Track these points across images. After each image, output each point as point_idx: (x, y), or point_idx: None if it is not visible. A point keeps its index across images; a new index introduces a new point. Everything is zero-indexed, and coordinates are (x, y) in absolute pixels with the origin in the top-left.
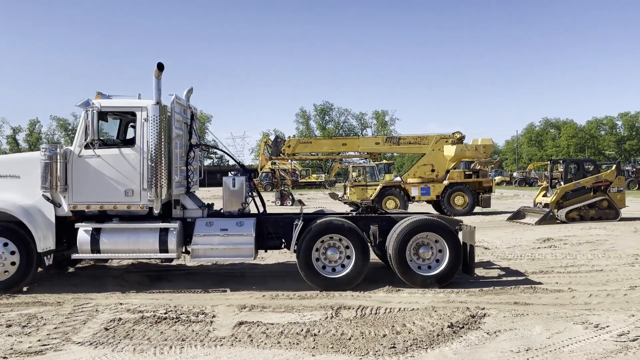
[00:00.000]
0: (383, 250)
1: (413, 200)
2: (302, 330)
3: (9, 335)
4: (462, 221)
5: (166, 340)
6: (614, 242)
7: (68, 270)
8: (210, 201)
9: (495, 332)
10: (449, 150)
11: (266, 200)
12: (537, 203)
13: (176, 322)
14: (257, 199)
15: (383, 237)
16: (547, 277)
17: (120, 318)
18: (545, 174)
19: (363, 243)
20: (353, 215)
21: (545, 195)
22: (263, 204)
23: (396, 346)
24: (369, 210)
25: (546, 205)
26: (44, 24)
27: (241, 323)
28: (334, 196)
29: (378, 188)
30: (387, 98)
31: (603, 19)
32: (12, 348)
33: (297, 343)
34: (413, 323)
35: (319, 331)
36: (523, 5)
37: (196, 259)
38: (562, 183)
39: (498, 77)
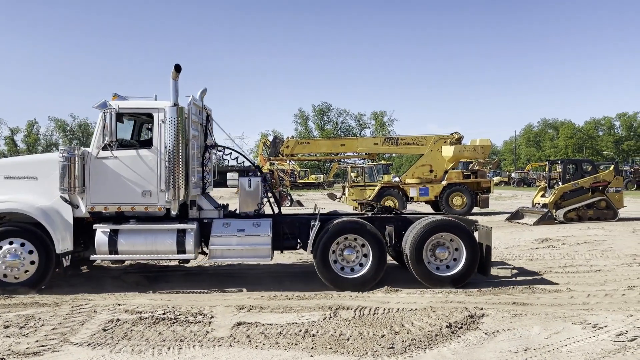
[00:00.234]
0: (397, 250)
1: (411, 200)
2: (301, 330)
3: (7, 336)
4: (478, 221)
5: (164, 341)
6: (612, 243)
7: (81, 270)
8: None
9: (493, 332)
10: (447, 150)
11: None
12: (536, 203)
13: (174, 323)
14: (273, 200)
15: (398, 238)
16: (546, 277)
17: (118, 319)
18: (543, 175)
19: (380, 243)
20: (369, 215)
21: (543, 195)
22: (278, 205)
23: (394, 346)
24: (385, 210)
25: (544, 205)
26: (44, 24)
27: (239, 323)
28: (333, 197)
29: (376, 188)
30: (386, 98)
31: (601, 20)
32: (10, 349)
33: (296, 343)
34: (411, 323)
35: (318, 332)
36: (522, 5)
37: (214, 260)
38: (560, 183)
39: (497, 78)
